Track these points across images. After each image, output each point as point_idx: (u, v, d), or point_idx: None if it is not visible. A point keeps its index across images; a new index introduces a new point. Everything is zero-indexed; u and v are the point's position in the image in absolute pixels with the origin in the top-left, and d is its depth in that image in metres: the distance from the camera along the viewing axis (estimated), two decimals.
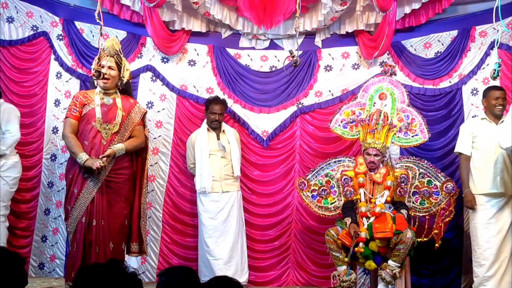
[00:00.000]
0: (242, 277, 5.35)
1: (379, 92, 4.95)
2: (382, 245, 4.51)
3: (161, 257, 5.61)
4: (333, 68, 5.77)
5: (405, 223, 4.52)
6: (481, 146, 4.78)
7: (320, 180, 5.02)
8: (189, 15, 5.71)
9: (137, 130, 4.71)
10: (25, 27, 5.77)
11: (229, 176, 5.39)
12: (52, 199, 5.69)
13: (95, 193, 4.47)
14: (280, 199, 5.73)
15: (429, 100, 5.54)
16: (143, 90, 5.75)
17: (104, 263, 1.82)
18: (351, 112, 5.00)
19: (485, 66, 5.37)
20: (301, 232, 5.66)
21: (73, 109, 4.60)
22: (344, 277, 4.56)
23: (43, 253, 5.66)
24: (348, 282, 4.55)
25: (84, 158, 4.41)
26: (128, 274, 1.79)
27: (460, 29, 5.48)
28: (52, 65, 5.78)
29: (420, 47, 5.60)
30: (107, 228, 4.48)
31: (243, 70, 5.86)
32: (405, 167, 4.93)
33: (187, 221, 5.68)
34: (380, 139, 4.77)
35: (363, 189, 4.73)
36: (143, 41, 5.76)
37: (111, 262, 1.81)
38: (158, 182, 5.69)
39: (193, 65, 5.83)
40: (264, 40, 5.85)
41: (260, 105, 5.82)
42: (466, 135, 4.87)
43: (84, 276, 1.75)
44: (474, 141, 4.82)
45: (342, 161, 5.07)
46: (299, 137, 5.77)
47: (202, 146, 5.34)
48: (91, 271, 1.76)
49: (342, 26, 5.70)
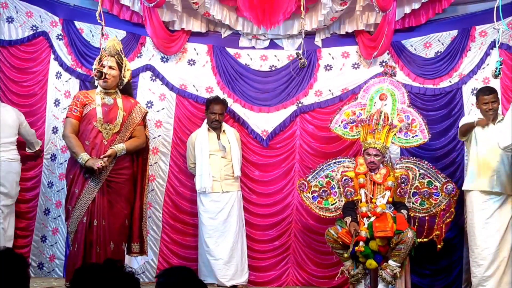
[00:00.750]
0: (242, 277, 5.36)
1: (379, 92, 4.96)
2: (382, 244, 4.51)
3: (161, 257, 5.60)
4: (333, 67, 5.77)
5: (405, 223, 4.53)
6: (479, 144, 4.77)
7: (320, 181, 5.02)
8: (188, 15, 5.71)
9: (138, 130, 4.72)
10: (24, 27, 5.77)
11: (229, 176, 5.39)
12: (52, 199, 5.68)
13: (96, 193, 4.48)
14: (280, 199, 5.73)
15: (429, 99, 5.54)
16: (143, 90, 5.75)
17: (101, 263, 1.82)
18: (351, 113, 5.01)
19: (485, 66, 5.37)
20: (301, 232, 5.66)
21: (73, 109, 4.60)
22: (352, 271, 4.59)
23: (43, 253, 5.66)
24: (356, 276, 4.59)
25: (86, 158, 4.42)
26: (125, 273, 1.78)
27: (460, 29, 5.48)
28: (51, 65, 5.78)
29: (420, 46, 5.61)
30: (107, 228, 4.49)
31: (242, 70, 5.86)
32: (405, 167, 4.93)
33: (187, 220, 5.68)
34: (381, 140, 4.78)
35: (364, 189, 4.74)
36: (142, 41, 5.76)
37: (108, 261, 1.80)
38: (158, 182, 5.69)
39: (192, 65, 5.83)
40: (264, 40, 5.85)
41: (260, 104, 5.82)
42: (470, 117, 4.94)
43: (82, 277, 1.75)
44: (472, 136, 4.83)
45: (342, 161, 5.08)
46: (299, 136, 5.77)
47: (203, 146, 5.34)
48: (88, 271, 1.76)
49: (342, 26, 5.71)
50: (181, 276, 2.23)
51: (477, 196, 4.73)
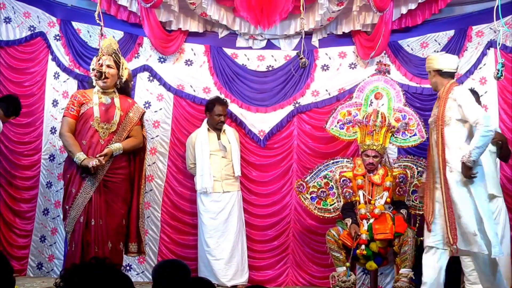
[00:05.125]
0: (243, 277, 5.37)
1: (374, 91, 4.97)
2: (382, 246, 4.54)
3: (160, 256, 5.62)
4: (330, 67, 5.78)
5: (404, 224, 4.54)
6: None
7: (318, 182, 5.03)
8: (186, 16, 5.72)
9: (135, 130, 4.72)
10: (22, 27, 5.78)
11: (229, 176, 5.40)
12: (51, 199, 5.70)
13: (93, 193, 4.48)
14: (278, 199, 5.74)
15: (426, 99, 5.54)
16: (140, 90, 5.76)
17: (88, 262, 1.81)
18: (347, 113, 5.02)
19: (482, 66, 5.38)
20: (299, 232, 5.68)
21: (71, 108, 4.60)
22: (343, 277, 4.58)
23: (42, 253, 5.67)
24: (348, 283, 4.57)
25: (82, 157, 4.42)
26: (116, 271, 1.78)
27: (456, 29, 5.49)
28: (49, 65, 5.79)
29: (417, 46, 5.62)
30: (105, 228, 4.49)
31: (240, 70, 5.87)
32: (403, 166, 4.95)
33: (186, 220, 5.70)
34: (379, 141, 4.79)
35: (362, 191, 4.75)
36: (140, 41, 5.77)
37: (96, 260, 1.79)
38: (156, 182, 5.70)
39: (190, 65, 5.84)
40: (261, 40, 5.86)
41: (257, 104, 5.83)
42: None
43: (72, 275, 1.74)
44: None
45: (340, 162, 5.09)
46: (296, 136, 5.78)
47: (203, 146, 5.35)
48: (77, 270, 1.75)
49: (339, 26, 5.71)
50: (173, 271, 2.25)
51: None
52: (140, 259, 5.51)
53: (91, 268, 1.71)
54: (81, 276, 1.68)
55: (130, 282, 1.81)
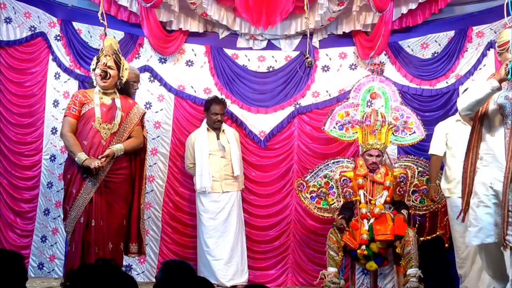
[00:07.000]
0: (242, 277, 5.38)
1: (370, 91, 4.98)
2: (382, 246, 4.55)
3: (160, 257, 5.62)
4: (331, 68, 5.78)
5: (404, 225, 4.55)
6: (454, 148, 4.68)
7: (318, 181, 5.04)
8: (186, 16, 5.72)
9: (135, 131, 4.71)
10: (23, 27, 5.78)
11: (229, 176, 5.41)
12: (51, 200, 5.70)
13: (93, 194, 4.47)
14: (278, 200, 5.75)
15: (426, 100, 5.56)
16: (141, 91, 5.73)
17: (94, 263, 1.82)
18: (345, 114, 5.02)
19: (482, 67, 5.38)
20: (300, 232, 5.68)
21: (72, 108, 4.58)
22: (333, 278, 4.56)
23: (43, 253, 5.67)
24: (336, 285, 4.55)
25: (83, 158, 4.41)
26: (121, 273, 1.79)
27: (457, 30, 5.50)
28: (50, 66, 5.80)
29: (417, 47, 5.62)
30: (106, 228, 4.48)
31: (240, 71, 5.88)
32: (403, 166, 4.96)
33: (187, 220, 5.70)
34: (381, 140, 4.80)
35: (363, 190, 4.75)
36: (140, 42, 5.78)
37: (102, 261, 1.81)
38: (157, 182, 5.71)
39: (190, 66, 5.85)
40: (261, 41, 5.86)
41: (258, 105, 5.84)
42: (440, 136, 4.81)
43: (78, 277, 1.75)
44: (447, 141, 4.76)
45: (340, 162, 5.10)
46: (297, 137, 5.79)
47: (202, 146, 5.36)
48: (83, 272, 1.76)
49: (339, 27, 5.72)
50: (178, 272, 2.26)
51: (457, 201, 4.43)
52: (141, 259, 5.51)
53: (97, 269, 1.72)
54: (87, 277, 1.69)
55: (135, 283, 1.82)
